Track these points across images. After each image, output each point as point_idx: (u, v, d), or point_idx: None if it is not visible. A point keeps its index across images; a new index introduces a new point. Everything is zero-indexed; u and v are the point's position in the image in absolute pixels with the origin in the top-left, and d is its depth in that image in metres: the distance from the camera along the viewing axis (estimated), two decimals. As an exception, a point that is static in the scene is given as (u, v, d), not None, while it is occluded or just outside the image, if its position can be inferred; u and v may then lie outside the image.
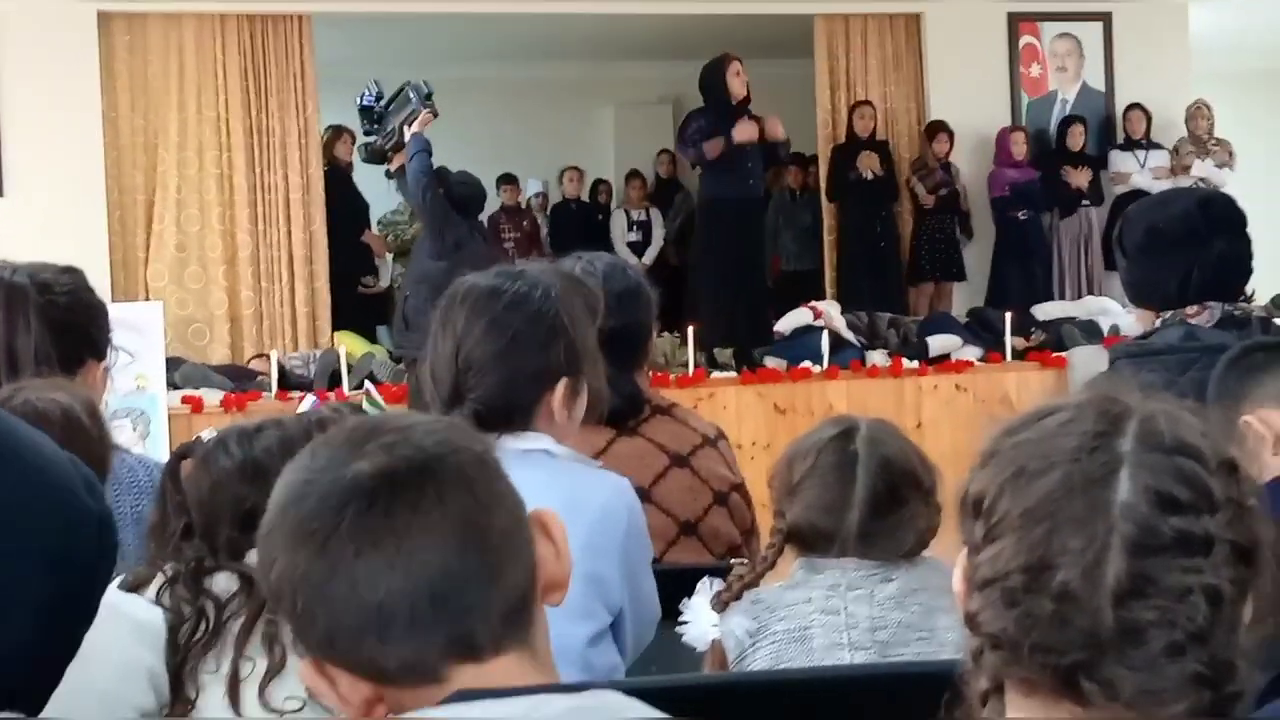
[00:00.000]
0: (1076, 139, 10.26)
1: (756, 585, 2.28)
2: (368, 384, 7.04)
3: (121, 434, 7.19)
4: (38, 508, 1.23)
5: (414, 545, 1.18)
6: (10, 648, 1.20)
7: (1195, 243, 3.02)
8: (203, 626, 1.91)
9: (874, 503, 2.21)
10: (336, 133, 9.91)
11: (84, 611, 1.29)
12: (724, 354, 8.45)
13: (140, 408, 7.39)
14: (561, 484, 2.07)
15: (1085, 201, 10.15)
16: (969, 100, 10.24)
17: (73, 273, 2.63)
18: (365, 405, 2.15)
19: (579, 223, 11.53)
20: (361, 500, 1.18)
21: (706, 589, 2.27)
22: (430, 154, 7.43)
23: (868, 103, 10.14)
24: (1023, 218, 10.03)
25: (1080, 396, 1.19)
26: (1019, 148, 10.08)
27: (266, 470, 1.87)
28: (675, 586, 2.32)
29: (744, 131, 8.19)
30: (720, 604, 2.25)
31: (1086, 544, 1.08)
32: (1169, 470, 1.11)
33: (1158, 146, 10.35)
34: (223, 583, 1.93)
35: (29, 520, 1.22)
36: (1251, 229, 3.14)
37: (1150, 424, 1.14)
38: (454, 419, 1.32)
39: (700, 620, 2.24)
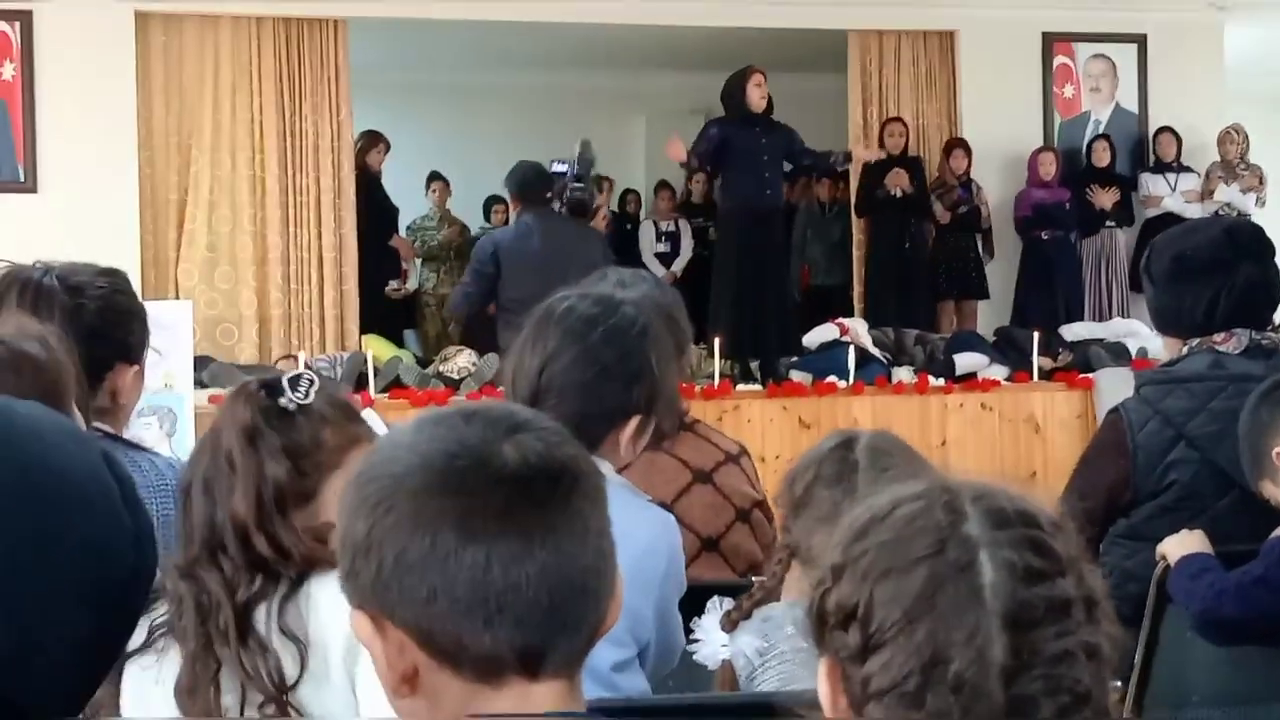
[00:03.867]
0: (1101, 156, 10.21)
1: (766, 604, 2.28)
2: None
3: (148, 431, 7.24)
4: (75, 536, 1.22)
5: (559, 542, 1.19)
6: (50, 674, 1.20)
7: (1222, 269, 3.02)
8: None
9: None
10: (372, 140, 9.93)
11: (123, 626, 1.28)
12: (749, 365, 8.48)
13: (168, 406, 7.42)
14: (612, 513, 2.08)
15: (1110, 222, 10.11)
16: (1001, 119, 10.22)
17: (112, 275, 2.61)
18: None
19: (607, 231, 11.52)
20: (517, 484, 1.19)
21: (716, 608, 2.26)
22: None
23: (898, 119, 10.11)
24: (1045, 238, 10.01)
25: (912, 487, 1.21)
26: (1046, 168, 10.04)
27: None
28: (696, 603, 2.32)
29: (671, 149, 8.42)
30: (730, 623, 2.25)
31: (970, 631, 1.11)
32: (1021, 542, 1.14)
33: (1188, 170, 10.30)
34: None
35: (66, 552, 1.21)
36: (1281, 255, 3.14)
37: (989, 501, 1.17)
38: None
39: (711, 640, 2.23)
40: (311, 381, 2.00)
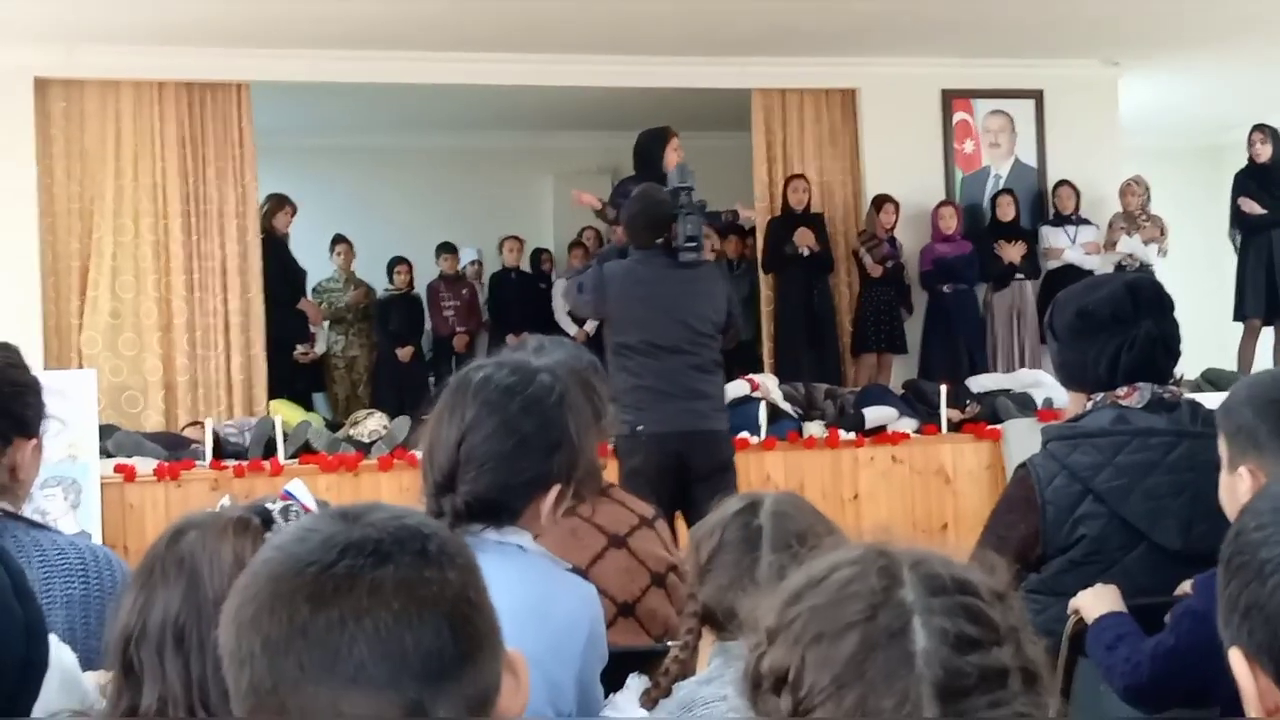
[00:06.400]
0: (1006, 210, 10.39)
1: (682, 678, 2.25)
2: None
3: (52, 503, 7.10)
4: None
5: (413, 591, 1.17)
6: None
7: (1124, 325, 3.07)
8: None
9: (780, 576, 2.14)
10: (278, 203, 9.89)
11: (15, 715, 1.26)
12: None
13: (72, 476, 7.29)
14: (532, 583, 2.07)
15: (1019, 275, 10.27)
16: (903, 175, 10.37)
17: (2, 349, 2.57)
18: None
19: (519, 291, 11.53)
20: (362, 547, 1.18)
21: (635, 686, 2.22)
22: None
23: (801, 176, 10.24)
24: (946, 291, 10.16)
25: (850, 552, 1.20)
26: (946, 222, 10.21)
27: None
28: (614, 669, 2.30)
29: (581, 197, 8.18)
30: (649, 701, 2.21)
31: (900, 698, 1.10)
32: (956, 610, 1.13)
33: (1087, 222, 10.49)
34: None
35: None
36: (1182, 306, 3.20)
37: (925, 568, 1.16)
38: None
39: None
40: (298, 513, 1.86)
